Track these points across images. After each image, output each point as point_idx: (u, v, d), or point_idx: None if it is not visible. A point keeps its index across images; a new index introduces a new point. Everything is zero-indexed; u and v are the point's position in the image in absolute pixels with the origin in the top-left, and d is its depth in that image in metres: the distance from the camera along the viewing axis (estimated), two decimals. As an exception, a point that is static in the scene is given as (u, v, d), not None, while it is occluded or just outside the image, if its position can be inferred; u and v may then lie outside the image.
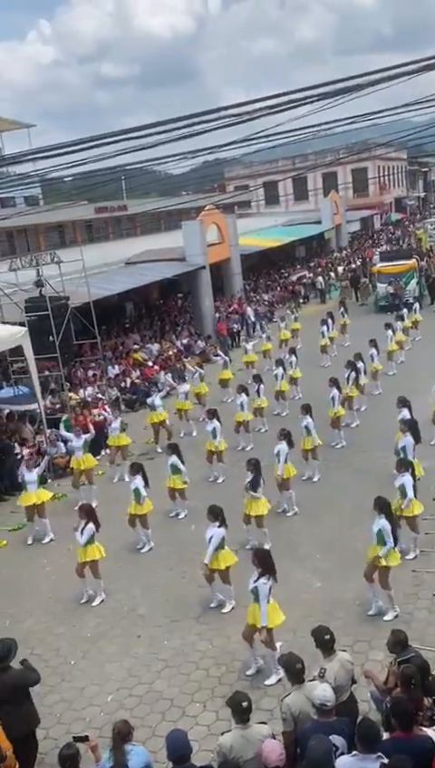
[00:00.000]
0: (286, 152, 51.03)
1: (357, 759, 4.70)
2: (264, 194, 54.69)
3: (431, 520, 10.75)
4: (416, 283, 29.01)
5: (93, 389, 19.09)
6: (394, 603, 8.62)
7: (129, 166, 11.58)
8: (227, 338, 26.74)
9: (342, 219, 46.45)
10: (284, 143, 13.37)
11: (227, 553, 9.13)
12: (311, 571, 9.98)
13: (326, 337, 22.25)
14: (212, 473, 13.99)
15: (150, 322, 27.55)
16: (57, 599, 10.34)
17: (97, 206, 34.30)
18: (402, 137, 19.73)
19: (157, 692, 7.90)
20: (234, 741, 5.17)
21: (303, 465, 13.12)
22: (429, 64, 7.35)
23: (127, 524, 11.58)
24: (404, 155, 66.10)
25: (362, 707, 6.42)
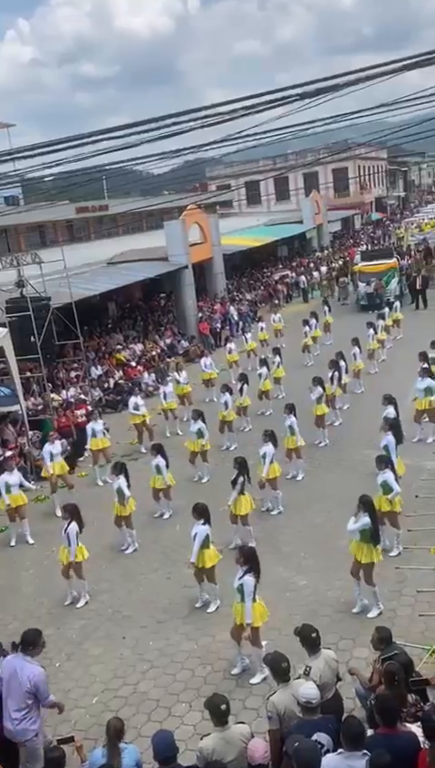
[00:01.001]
0: (267, 152, 51.16)
1: (343, 757, 4.73)
2: (245, 193, 54.77)
3: (414, 517, 10.83)
4: (397, 282, 29.19)
5: (76, 390, 19.01)
6: (379, 600, 8.67)
7: (109, 165, 11.53)
8: (209, 337, 26.75)
9: (323, 219, 46.62)
10: (264, 143, 13.39)
11: (212, 552, 9.14)
12: (295, 569, 10.02)
13: (309, 336, 22.32)
14: (196, 473, 13.99)
15: (133, 323, 27.48)
16: (41, 601, 10.29)
17: (78, 206, 34.15)
18: (382, 137, 19.85)
19: (142, 693, 7.89)
20: (215, 744, 5.17)
21: (287, 464, 13.15)
22: (406, 65, 7.41)
23: (111, 525, 11.55)
24: (384, 155, 66.52)
25: (348, 705, 6.45)
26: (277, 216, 46.85)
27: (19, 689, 6.19)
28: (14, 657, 6.37)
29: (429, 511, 11.07)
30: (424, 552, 9.88)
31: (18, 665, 6.27)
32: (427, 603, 8.68)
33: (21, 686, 6.18)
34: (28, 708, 6.20)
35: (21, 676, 6.20)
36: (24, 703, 6.17)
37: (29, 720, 6.19)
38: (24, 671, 6.21)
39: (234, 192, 52.26)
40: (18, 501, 12.25)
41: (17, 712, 6.19)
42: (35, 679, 6.18)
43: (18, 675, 6.22)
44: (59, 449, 13.63)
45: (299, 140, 21.21)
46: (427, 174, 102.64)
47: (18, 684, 6.20)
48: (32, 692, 6.17)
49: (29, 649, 6.34)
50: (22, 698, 6.17)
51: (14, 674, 6.24)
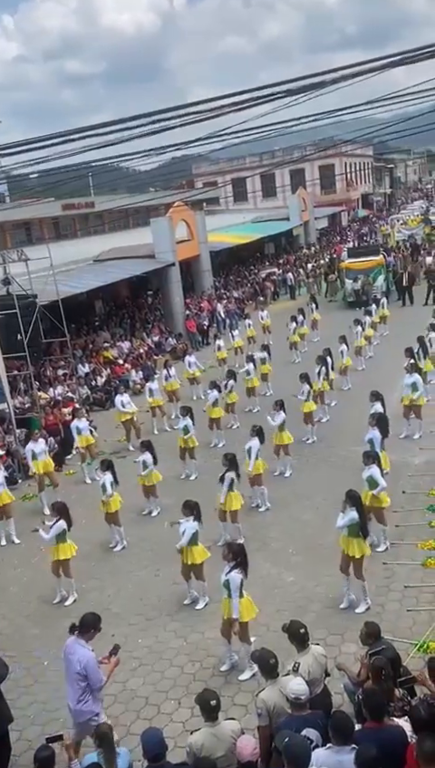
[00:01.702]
0: (254, 149, 51.22)
1: (332, 751, 4.75)
2: (232, 190, 54.75)
3: (401, 512, 10.89)
4: (383, 279, 29.30)
5: (63, 388, 18.95)
6: (367, 595, 8.72)
7: (95, 162, 11.50)
8: (196, 335, 26.73)
9: (310, 216, 46.68)
10: (250, 140, 13.39)
11: (201, 549, 9.15)
12: (283, 565, 10.04)
13: (296, 333, 22.36)
14: (184, 470, 13.99)
15: (120, 320, 27.41)
16: (29, 599, 10.27)
17: (64, 203, 33.99)
18: (367, 134, 19.90)
19: (131, 690, 7.89)
20: (204, 739, 5.19)
21: (274, 460, 13.18)
22: (391, 62, 7.43)
23: (99, 523, 11.55)
24: (370, 152, 66.69)
25: (336, 700, 6.49)
26: (264, 213, 46.86)
27: (73, 672, 6.31)
28: (72, 640, 6.48)
29: (415, 506, 11.15)
30: (411, 548, 9.95)
31: (73, 647, 6.40)
32: (414, 598, 8.74)
33: (73, 668, 6.30)
34: (82, 690, 6.31)
35: (73, 658, 6.32)
36: (78, 685, 6.30)
37: (84, 702, 6.30)
38: (75, 654, 6.33)
39: (220, 189, 52.19)
40: (4, 499, 12.20)
41: (74, 694, 6.33)
42: (84, 663, 6.26)
43: (72, 657, 6.34)
44: (42, 447, 13.56)
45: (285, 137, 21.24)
46: (413, 171, 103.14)
47: (72, 666, 6.33)
48: (82, 674, 6.26)
49: (85, 633, 6.44)
50: (75, 680, 6.30)
51: (71, 656, 6.38)
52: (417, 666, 6.83)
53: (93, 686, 6.31)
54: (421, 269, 31.19)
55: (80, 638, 6.41)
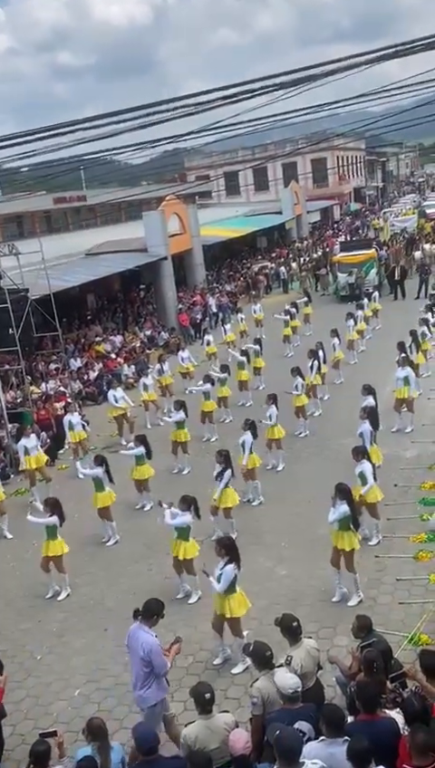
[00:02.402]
0: (246, 142, 51.06)
1: (325, 744, 4.77)
2: (224, 184, 54.60)
3: (393, 506, 10.93)
4: (375, 272, 29.32)
5: (55, 383, 18.89)
6: (359, 588, 8.75)
7: (87, 156, 11.41)
8: (190, 329, 26.69)
9: (302, 209, 46.63)
10: (242, 133, 13.35)
11: (191, 544, 9.15)
12: (276, 559, 10.07)
13: (289, 327, 22.36)
14: (177, 464, 13.98)
15: (112, 314, 27.34)
16: (22, 594, 10.26)
17: (56, 197, 33.82)
18: (360, 127, 19.88)
19: (124, 684, 7.87)
20: (198, 732, 5.21)
21: (267, 454, 13.19)
22: (384, 55, 7.41)
23: (92, 518, 11.56)
24: (362, 145, 66.61)
25: (328, 693, 6.51)
26: (257, 207, 46.77)
27: (137, 657, 6.34)
28: (135, 626, 6.52)
29: (407, 500, 11.19)
30: (403, 541, 9.99)
31: (136, 633, 6.43)
32: (406, 591, 8.78)
33: (137, 654, 6.33)
34: (146, 676, 6.33)
35: (137, 644, 6.35)
36: (142, 671, 6.32)
37: (147, 688, 6.33)
38: (139, 640, 6.35)
39: (213, 182, 52.04)
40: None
41: (138, 679, 6.37)
42: (148, 648, 6.27)
43: (136, 643, 6.37)
44: (34, 443, 13.53)
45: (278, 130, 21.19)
46: (405, 165, 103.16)
47: (136, 652, 6.36)
48: (147, 660, 6.27)
49: (148, 618, 6.47)
50: (139, 666, 6.32)
51: (134, 643, 6.41)
52: (408, 658, 6.87)
53: (158, 672, 6.36)
54: (414, 262, 31.23)
55: (143, 624, 6.45)
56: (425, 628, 7.87)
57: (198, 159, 58.73)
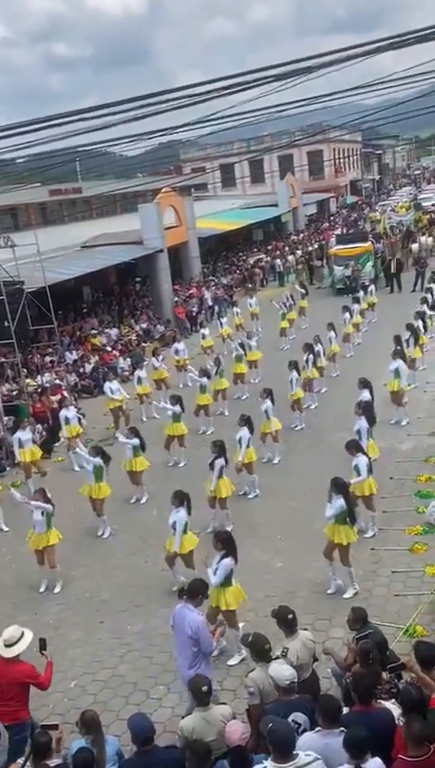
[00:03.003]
0: (242, 134, 50.87)
1: (320, 735, 4.79)
2: (220, 176, 54.45)
3: (389, 498, 10.96)
4: (371, 265, 29.29)
5: (51, 376, 18.86)
6: (354, 580, 8.78)
7: (82, 147, 11.37)
8: (185, 322, 26.66)
9: (298, 202, 46.56)
10: (238, 125, 13.30)
11: (190, 537, 9.17)
12: (272, 552, 10.09)
13: (286, 319, 22.33)
14: (172, 458, 13.99)
15: (108, 307, 27.28)
16: (18, 587, 10.27)
17: (51, 189, 33.73)
18: (356, 119, 19.82)
19: (120, 676, 7.92)
20: (195, 723, 5.23)
21: (262, 447, 13.20)
22: (380, 47, 7.38)
23: (87, 511, 11.57)
24: (358, 138, 66.50)
25: (324, 684, 6.54)
26: (252, 200, 46.68)
27: (184, 637, 6.39)
28: (180, 606, 6.56)
29: (403, 492, 11.23)
30: (399, 533, 10.03)
31: (182, 613, 6.48)
32: (401, 583, 8.82)
33: (184, 633, 6.37)
34: (194, 656, 6.38)
35: (184, 623, 6.40)
36: (190, 650, 6.36)
37: (197, 667, 6.35)
38: (185, 619, 6.40)
39: (209, 175, 51.89)
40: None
41: (186, 660, 6.41)
42: (195, 627, 6.32)
43: (182, 623, 6.42)
44: (29, 436, 13.53)
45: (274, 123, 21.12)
46: (401, 157, 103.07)
47: (182, 632, 6.40)
48: (194, 638, 6.31)
49: (193, 598, 6.52)
50: (187, 645, 6.36)
51: (180, 622, 6.46)
52: (404, 649, 6.90)
53: (205, 650, 6.40)
54: (410, 255, 31.21)
55: (188, 603, 6.51)
56: (420, 620, 7.91)
57: (194, 151, 58.55)
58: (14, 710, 6.23)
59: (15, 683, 6.21)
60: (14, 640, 6.29)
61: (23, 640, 6.33)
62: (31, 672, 6.28)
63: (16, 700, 6.23)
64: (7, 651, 6.24)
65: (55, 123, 8.41)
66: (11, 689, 6.20)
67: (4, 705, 6.21)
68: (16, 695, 6.22)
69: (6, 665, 6.21)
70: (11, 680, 6.19)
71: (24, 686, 6.26)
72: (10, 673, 6.20)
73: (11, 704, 6.21)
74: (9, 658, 6.22)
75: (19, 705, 6.24)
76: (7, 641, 6.28)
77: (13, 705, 6.22)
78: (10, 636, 6.31)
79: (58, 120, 8.48)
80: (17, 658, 6.27)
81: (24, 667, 6.26)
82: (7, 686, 6.19)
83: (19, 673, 6.21)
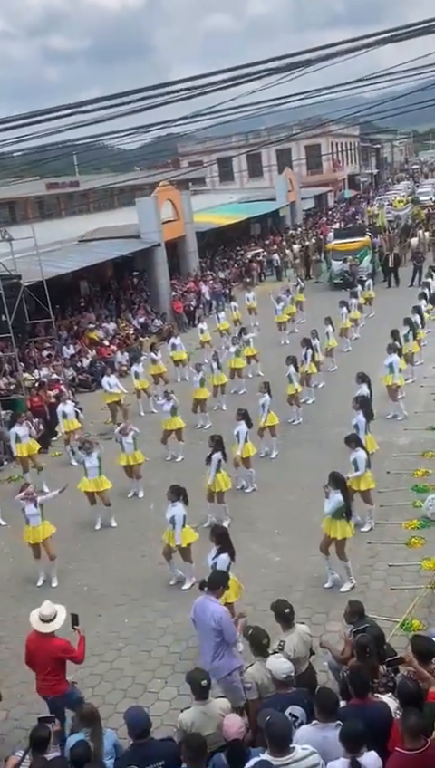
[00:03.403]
0: (240, 128, 50.71)
1: (317, 728, 4.81)
2: (218, 170, 54.29)
3: (386, 493, 10.99)
4: (369, 260, 29.27)
5: (48, 370, 18.83)
6: (351, 575, 8.81)
7: (80, 140, 11.33)
8: (183, 316, 26.63)
9: (296, 196, 46.46)
10: (236, 118, 13.25)
11: (188, 531, 9.18)
12: (269, 546, 10.11)
13: (283, 313, 22.30)
14: (170, 452, 13.99)
15: (106, 301, 27.23)
16: (17, 581, 10.28)
17: (48, 182, 33.60)
18: (355, 113, 19.76)
19: (118, 669, 7.95)
20: (194, 717, 5.25)
21: (260, 442, 13.21)
22: (380, 39, 7.36)
23: (84, 505, 11.59)
24: (356, 131, 66.31)
25: (321, 678, 6.57)
26: (250, 194, 46.58)
27: (207, 628, 6.39)
28: (202, 598, 6.59)
29: (400, 486, 11.25)
30: (396, 527, 10.05)
31: (204, 605, 6.50)
32: (398, 577, 8.85)
33: (207, 625, 6.39)
34: (217, 647, 6.38)
35: (206, 615, 6.41)
36: (213, 641, 6.38)
37: (219, 658, 6.37)
38: (208, 610, 6.42)
39: (206, 168, 51.74)
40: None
41: (209, 651, 6.41)
42: (218, 617, 6.34)
43: (204, 614, 6.44)
44: (26, 431, 13.52)
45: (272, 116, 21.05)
46: (399, 151, 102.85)
47: (205, 623, 6.42)
48: (217, 629, 6.32)
49: (214, 589, 6.57)
50: (210, 637, 6.37)
51: (202, 614, 6.48)
52: (400, 643, 6.93)
53: (229, 641, 6.41)
54: (408, 249, 31.18)
55: (210, 594, 6.54)
56: (417, 614, 7.94)
57: (192, 145, 58.35)
58: (52, 684, 6.47)
59: (52, 657, 6.42)
60: (51, 617, 6.45)
61: (58, 617, 6.50)
62: (66, 647, 6.47)
63: (54, 674, 6.46)
64: (44, 627, 6.42)
65: (53, 116, 8.37)
66: (48, 664, 6.43)
67: (44, 680, 6.50)
68: (54, 669, 6.44)
69: (43, 640, 6.43)
70: (48, 655, 6.41)
71: (60, 661, 6.47)
72: (46, 648, 6.41)
73: (49, 678, 6.47)
74: (45, 634, 6.41)
75: (57, 678, 6.48)
76: (44, 617, 6.44)
77: (51, 680, 6.47)
78: (47, 612, 6.46)
79: (55, 113, 8.44)
80: (53, 634, 6.45)
81: (59, 643, 6.47)
82: (44, 660, 6.43)
83: (55, 648, 6.41)
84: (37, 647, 6.45)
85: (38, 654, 6.45)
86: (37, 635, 6.47)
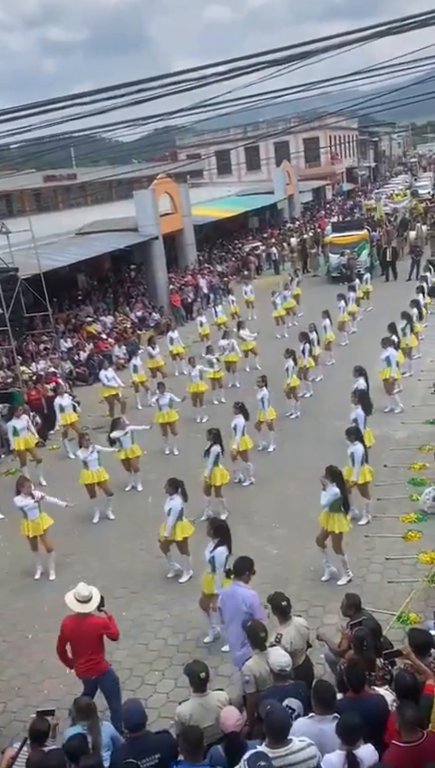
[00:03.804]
0: (238, 120, 50.54)
1: (314, 721, 4.82)
2: (216, 163, 54.11)
3: (383, 486, 11.00)
4: (367, 254, 29.22)
5: (46, 363, 18.81)
6: (348, 568, 8.83)
7: (77, 133, 11.27)
8: (181, 309, 26.59)
9: (294, 189, 46.35)
10: (234, 111, 13.19)
11: (185, 524, 9.20)
12: (267, 539, 10.13)
13: (281, 308, 22.27)
14: (167, 446, 13.99)
15: (103, 295, 27.18)
16: (14, 573, 10.29)
17: (46, 175, 33.43)
18: (352, 106, 19.70)
19: (116, 662, 7.93)
20: (192, 709, 5.26)
21: (257, 435, 13.22)
22: (378, 31, 7.32)
23: (83, 498, 11.57)
24: (355, 125, 66.13)
25: (318, 670, 6.59)
26: (248, 187, 46.45)
27: (237, 613, 6.46)
28: (231, 586, 6.71)
29: (397, 480, 11.27)
30: (393, 521, 10.08)
31: (233, 591, 6.63)
32: (395, 570, 8.87)
33: (238, 609, 6.46)
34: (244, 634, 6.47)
35: (237, 600, 6.52)
36: (240, 629, 6.39)
37: (247, 645, 6.32)
38: (237, 596, 6.53)
39: (204, 161, 51.55)
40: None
41: (236, 638, 6.48)
42: (249, 602, 6.47)
43: (234, 600, 6.55)
44: (24, 424, 13.49)
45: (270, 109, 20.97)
46: (397, 144, 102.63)
47: (236, 608, 6.50)
48: (249, 613, 6.37)
49: (241, 576, 6.69)
50: (239, 624, 6.37)
51: (231, 600, 6.59)
52: (397, 636, 6.96)
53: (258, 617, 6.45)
54: (406, 243, 31.13)
55: (239, 581, 6.64)
56: (413, 607, 7.97)
57: (190, 138, 58.12)
58: (96, 662, 6.61)
59: (94, 635, 6.55)
60: (89, 597, 6.57)
61: (94, 597, 6.62)
62: (106, 623, 6.65)
63: (97, 653, 6.61)
64: (82, 607, 6.54)
65: (50, 108, 8.31)
66: (91, 644, 6.56)
67: (89, 661, 6.58)
68: (95, 647, 6.59)
69: (82, 621, 6.54)
70: (89, 635, 6.54)
71: (101, 639, 6.62)
72: (87, 628, 6.53)
73: (93, 657, 6.59)
74: (84, 614, 6.53)
75: (100, 657, 6.63)
76: (82, 598, 6.56)
77: (95, 659, 6.60)
78: (85, 593, 6.58)
79: (53, 105, 8.39)
80: (90, 613, 6.57)
81: (99, 620, 6.62)
82: (87, 641, 6.55)
83: (96, 626, 6.57)
84: (77, 629, 6.54)
85: (79, 636, 6.55)
86: (74, 618, 6.57)
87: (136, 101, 8.31)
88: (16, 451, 13.54)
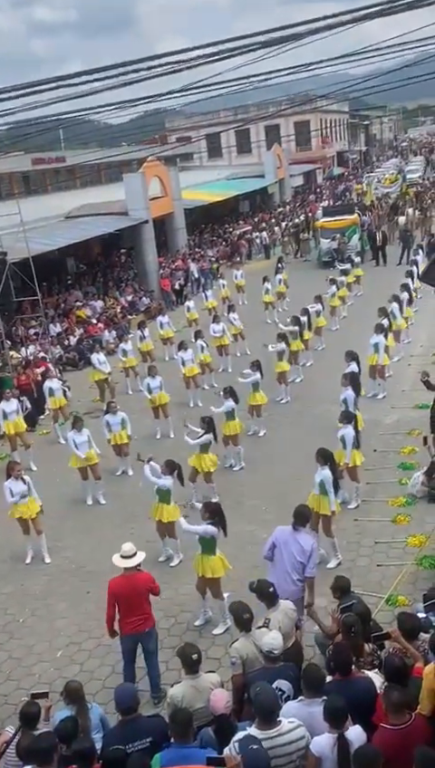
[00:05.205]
0: (228, 103, 50.14)
1: (304, 704, 4.86)
2: (206, 146, 53.66)
3: (373, 470, 11.06)
4: (358, 238, 29.17)
5: (35, 348, 18.72)
6: (337, 551, 8.88)
7: (66, 115, 11.12)
8: (171, 294, 26.48)
9: (285, 173, 46.12)
10: (224, 93, 13.07)
11: (173, 508, 9.22)
12: (257, 523, 10.16)
13: (271, 293, 22.19)
14: (159, 429, 13.99)
15: (93, 279, 27.01)
16: (4, 557, 10.29)
17: (34, 158, 33.04)
18: (343, 89, 19.56)
19: (107, 645, 7.98)
20: (184, 691, 5.30)
21: (249, 420, 13.23)
22: (369, 13, 7.25)
23: (73, 482, 11.61)
24: (345, 108, 65.72)
25: (307, 653, 6.65)
26: (239, 170, 46.15)
27: (291, 556, 6.84)
28: (290, 530, 7.01)
29: (386, 464, 11.34)
30: (382, 505, 10.14)
31: (294, 536, 6.96)
32: (384, 554, 8.95)
33: (295, 551, 6.86)
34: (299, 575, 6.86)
35: (299, 543, 6.89)
36: (293, 575, 6.84)
37: (301, 584, 6.85)
38: (299, 542, 6.90)
39: (194, 144, 51.11)
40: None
41: (281, 576, 6.79)
42: (309, 548, 6.87)
43: (294, 541, 6.90)
44: (13, 408, 13.43)
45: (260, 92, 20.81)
46: (388, 128, 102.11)
47: (293, 548, 6.87)
48: (302, 563, 6.81)
49: (303, 522, 7.08)
50: (292, 565, 6.83)
51: (289, 539, 6.92)
52: (386, 618, 7.04)
53: (308, 574, 6.88)
54: (396, 227, 31.08)
55: (298, 526, 6.96)
56: (402, 590, 8.04)
57: (180, 120, 57.59)
58: (147, 616, 6.89)
59: (144, 590, 6.82)
60: (133, 552, 6.85)
61: (139, 553, 6.91)
62: (152, 578, 6.97)
63: (147, 607, 6.89)
64: (129, 562, 6.82)
65: (38, 90, 8.20)
66: (141, 599, 6.80)
67: (141, 616, 6.82)
68: (144, 601, 6.84)
69: (131, 578, 6.80)
70: (140, 590, 6.78)
71: (147, 594, 6.87)
72: (137, 584, 6.79)
73: (145, 612, 6.86)
74: (132, 570, 6.81)
75: (150, 611, 6.91)
76: (126, 553, 6.84)
77: (146, 613, 6.87)
78: (128, 548, 6.88)
79: (41, 86, 8.27)
80: (137, 569, 6.85)
81: (145, 575, 6.93)
82: (139, 597, 6.79)
83: (145, 580, 6.88)
84: (127, 587, 6.73)
85: (131, 594, 6.73)
86: (124, 577, 6.79)
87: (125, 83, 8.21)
88: (6, 436, 13.49)
